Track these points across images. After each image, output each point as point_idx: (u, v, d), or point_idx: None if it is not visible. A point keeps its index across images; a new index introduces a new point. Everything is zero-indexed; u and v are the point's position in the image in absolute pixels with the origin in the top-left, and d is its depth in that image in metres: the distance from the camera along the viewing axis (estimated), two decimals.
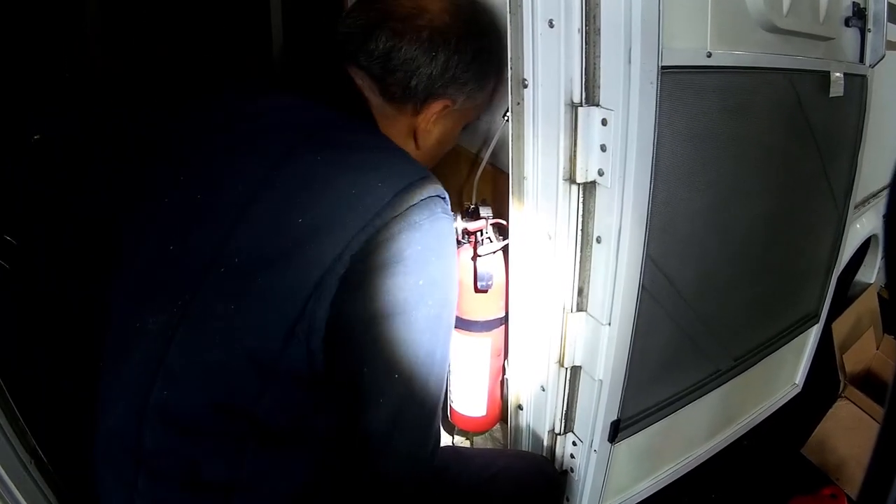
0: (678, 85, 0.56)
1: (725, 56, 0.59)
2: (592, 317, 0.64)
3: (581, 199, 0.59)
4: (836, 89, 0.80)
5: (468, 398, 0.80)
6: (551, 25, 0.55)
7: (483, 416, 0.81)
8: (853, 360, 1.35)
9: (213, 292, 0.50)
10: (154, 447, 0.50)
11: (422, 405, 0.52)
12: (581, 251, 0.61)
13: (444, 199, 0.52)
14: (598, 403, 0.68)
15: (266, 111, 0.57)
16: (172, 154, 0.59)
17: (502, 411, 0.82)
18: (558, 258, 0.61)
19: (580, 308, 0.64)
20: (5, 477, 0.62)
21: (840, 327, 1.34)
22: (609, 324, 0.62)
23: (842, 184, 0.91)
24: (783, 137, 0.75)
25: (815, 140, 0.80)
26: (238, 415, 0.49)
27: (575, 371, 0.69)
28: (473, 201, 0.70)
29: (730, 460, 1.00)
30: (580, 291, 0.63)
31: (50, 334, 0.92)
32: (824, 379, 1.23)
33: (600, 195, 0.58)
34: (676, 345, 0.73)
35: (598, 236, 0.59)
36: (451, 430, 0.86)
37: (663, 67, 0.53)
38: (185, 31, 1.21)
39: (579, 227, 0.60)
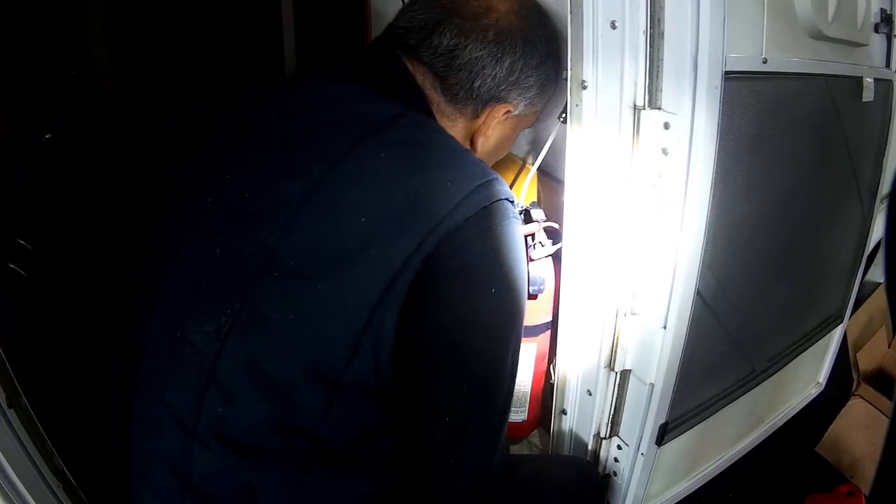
0: (737, 90, 0.56)
1: (779, 62, 0.59)
2: (648, 320, 0.63)
3: (640, 205, 0.58)
4: (868, 94, 0.81)
5: (512, 403, 0.78)
6: (613, 27, 0.54)
7: (524, 422, 0.80)
8: (866, 359, 1.36)
9: (267, 298, 0.46)
10: (206, 470, 0.46)
11: (490, 418, 0.49)
12: (638, 256, 0.60)
13: (513, 202, 0.51)
14: (649, 407, 0.67)
15: (322, 104, 0.53)
16: (216, 152, 0.55)
17: (542, 416, 0.81)
18: (615, 263, 0.60)
19: (635, 312, 0.63)
20: (32, 502, 0.56)
21: (853, 326, 1.34)
22: (665, 327, 0.61)
23: (868, 186, 0.91)
24: (821, 142, 0.75)
25: (847, 144, 0.81)
26: (299, 433, 0.46)
27: (624, 375, 0.68)
28: (522, 204, 0.69)
29: (746, 460, 0.99)
30: (635, 296, 0.62)
31: (64, 345, 0.87)
32: (838, 377, 1.24)
33: (660, 200, 0.57)
34: (721, 347, 0.73)
35: (657, 241, 0.58)
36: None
37: (726, 73, 0.53)
38: (193, 31, 1.17)
39: (638, 232, 0.59)
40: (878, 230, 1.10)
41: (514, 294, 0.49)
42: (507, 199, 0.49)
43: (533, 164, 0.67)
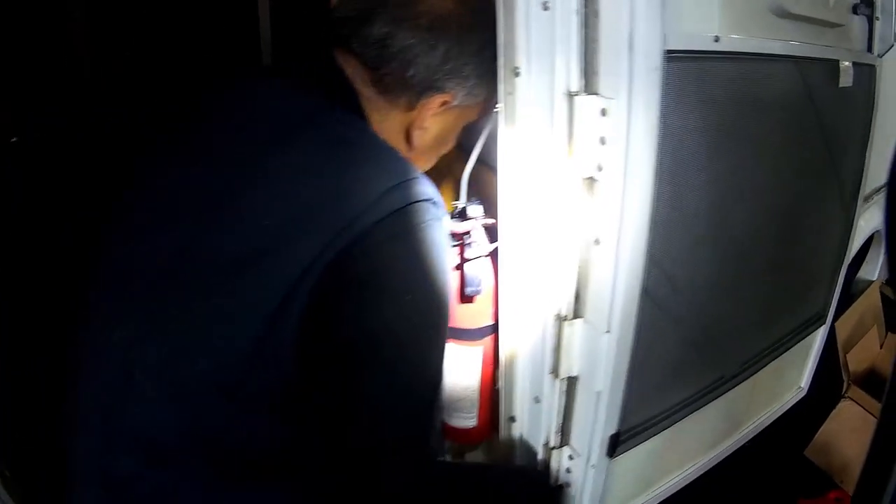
0: (683, 72, 0.50)
1: (734, 41, 0.53)
2: (591, 324, 0.58)
3: (579, 197, 0.53)
4: (846, 79, 0.75)
5: (459, 409, 0.74)
6: (545, 8, 0.48)
7: (474, 428, 0.75)
8: (857, 360, 1.30)
9: (176, 303, 0.44)
10: (127, 471, 0.45)
11: (410, 431, 0.46)
12: (578, 254, 0.54)
13: (435, 203, 0.46)
14: (597, 416, 0.62)
15: (248, 99, 0.51)
16: (151, 150, 0.54)
17: (495, 422, 0.76)
18: (553, 262, 0.55)
19: (577, 315, 0.58)
20: None
21: (843, 326, 1.28)
22: (609, 331, 0.56)
23: (850, 179, 0.85)
24: (791, 130, 0.69)
25: (822, 133, 0.75)
26: (211, 441, 0.44)
27: (571, 382, 0.63)
28: (463, 200, 0.64)
29: (732, 463, 0.94)
30: (577, 297, 0.57)
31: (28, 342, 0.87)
32: (827, 379, 1.18)
33: (599, 192, 0.52)
34: (680, 351, 0.67)
35: (597, 237, 0.53)
36: (441, 445, 0.80)
37: (668, 52, 0.47)
38: (172, 27, 1.15)
39: (577, 227, 0.53)
40: (862, 228, 1.03)
41: (433, 301, 0.45)
42: (426, 199, 0.45)
43: (473, 155, 0.62)
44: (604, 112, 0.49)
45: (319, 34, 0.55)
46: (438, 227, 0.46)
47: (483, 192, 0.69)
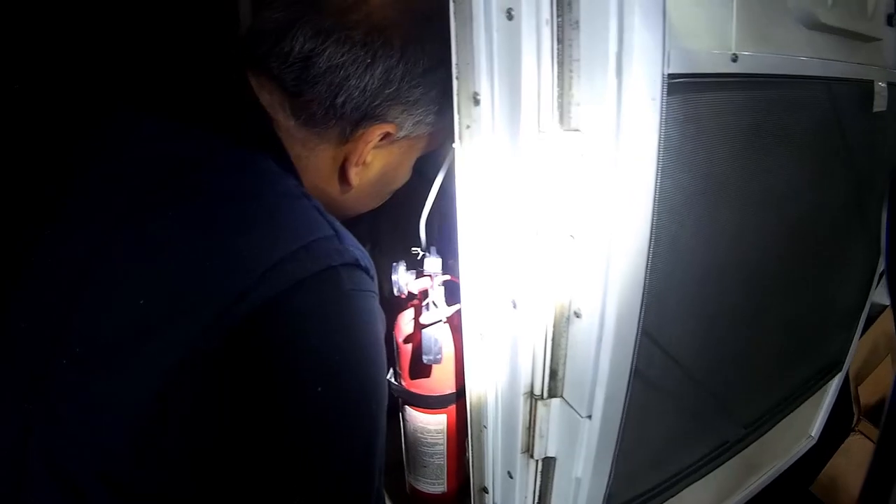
0: (689, 102, 0.38)
1: (756, 60, 0.41)
2: (569, 405, 0.46)
3: (554, 259, 0.41)
4: (881, 103, 0.62)
5: (426, 474, 0.63)
6: (510, 17, 0.36)
7: (443, 493, 0.65)
8: (869, 392, 1.17)
9: (57, 389, 0.36)
10: None
11: None
12: (554, 327, 0.43)
13: (356, 265, 0.35)
14: (576, 503, 0.51)
15: (129, 142, 0.40)
16: (42, 196, 0.43)
17: (467, 488, 0.66)
18: (524, 333, 0.44)
19: (553, 394, 0.46)
20: None
21: (855, 356, 1.16)
22: (590, 416, 0.44)
23: (876, 214, 0.72)
24: (817, 165, 0.56)
25: (852, 166, 0.62)
26: None
27: (548, 462, 0.52)
28: (422, 246, 0.52)
29: None
30: (553, 374, 0.45)
31: None
32: (836, 411, 1.07)
33: (579, 254, 0.40)
34: (677, 424, 0.56)
35: (577, 309, 0.41)
36: None
37: (670, 76, 0.35)
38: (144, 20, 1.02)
39: (552, 295, 0.42)
40: None
41: (356, 390, 0.35)
42: (345, 263, 0.34)
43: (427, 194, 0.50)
44: (584, 154, 0.37)
45: (229, 54, 0.43)
46: (363, 297, 0.35)
47: (451, 230, 0.57)
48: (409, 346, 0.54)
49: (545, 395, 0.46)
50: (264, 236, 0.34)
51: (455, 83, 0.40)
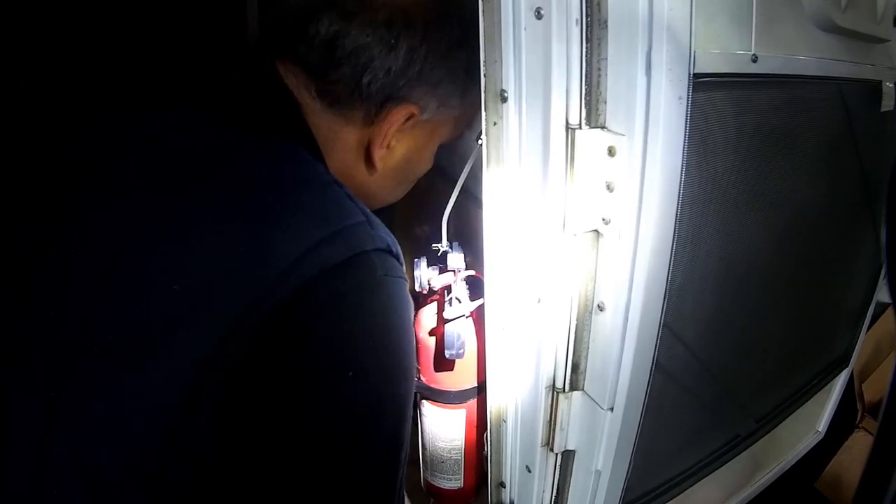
0: (714, 100, 0.39)
1: (775, 61, 0.42)
2: (590, 398, 0.47)
3: (579, 255, 0.42)
4: (888, 102, 0.63)
5: (443, 470, 0.63)
6: (539, 16, 0.37)
7: (459, 489, 0.65)
8: (873, 389, 1.18)
9: (85, 384, 0.36)
10: None
11: None
12: (577, 320, 0.43)
13: (388, 251, 0.36)
14: (595, 495, 0.51)
15: (157, 133, 0.40)
16: (49, 195, 0.42)
17: (483, 483, 0.66)
18: (548, 328, 0.44)
19: (574, 387, 0.47)
20: None
21: (859, 354, 1.17)
22: (612, 409, 0.45)
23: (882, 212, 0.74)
24: (829, 163, 0.57)
25: (860, 164, 0.63)
26: None
27: (567, 455, 0.52)
28: (444, 243, 0.53)
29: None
30: (575, 368, 0.46)
31: None
32: (841, 408, 1.08)
33: (605, 249, 0.41)
34: (693, 418, 0.56)
35: (601, 302, 0.42)
36: (426, 500, 0.70)
37: (695, 75, 0.36)
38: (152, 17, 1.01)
39: (576, 289, 0.43)
40: None
41: (387, 380, 0.35)
42: (375, 249, 0.35)
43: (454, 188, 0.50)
44: (611, 151, 0.38)
45: (256, 41, 0.43)
46: (394, 284, 0.36)
47: (472, 229, 0.58)
48: (431, 342, 0.54)
49: (567, 388, 0.47)
50: (297, 222, 0.34)
51: (483, 80, 0.40)
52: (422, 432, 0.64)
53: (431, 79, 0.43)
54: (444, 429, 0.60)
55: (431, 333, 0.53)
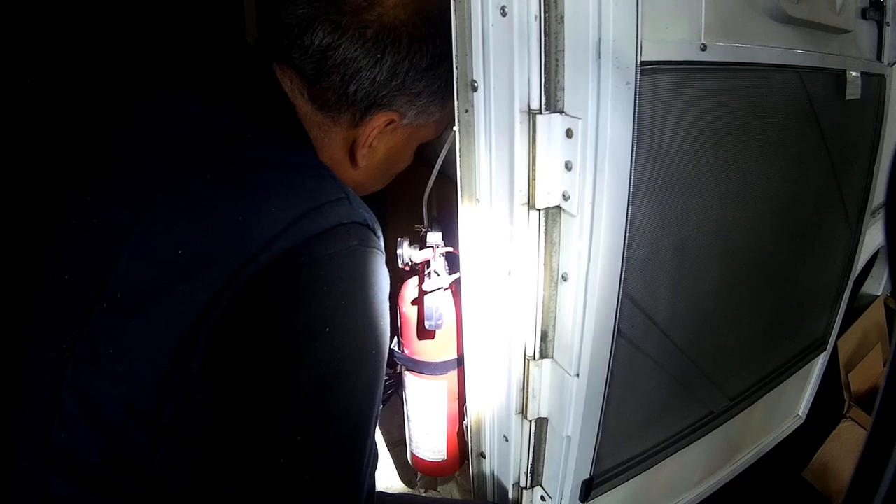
0: (663, 86, 0.43)
1: (724, 50, 0.46)
2: (559, 365, 0.51)
3: (543, 229, 0.46)
4: (853, 91, 0.66)
5: (426, 443, 0.67)
6: (504, 13, 0.41)
7: (444, 461, 0.69)
8: (860, 379, 1.20)
9: (95, 330, 0.42)
10: (57, 493, 0.44)
11: (334, 475, 0.40)
12: (545, 290, 0.47)
13: (365, 225, 0.40)
14: (567, 461, 0.55)
15: (173, 120, 0.46)
16: (86, 169, 0.50)
17: (465, 455, 0.70)
18: (518, 298, 0.48)
19: (544, 355, 0.51)
20: None
21: (845, 344, 1.19)
22: (577, 375, 0.49)
23: (855, 197, 0.76)
24: (791, 147, 0.61)
25: (826, 149, 0.66)
26: (132, 470, 0.41)
27: (541, 423, 0.56)
28: (425, 223, 0.57)
29: (726, 486, 0.87)
30: (544, 336, 0.50)
31: None
32: (828, 398, 1.10)
33: (566, 223, 0.45)
34: (661, 390, 0.60)
35: (564, 273, 0.46)
36: (413, 475, 0.74)
37: (643, 63, 0.40)
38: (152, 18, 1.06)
39: (542, 261, 0.47)
40: (867, 246, 0.95)
41: (357, 338, 0.39)
42: (355, 222, 0.39)
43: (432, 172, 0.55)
44: (569, 133, 0.42)
45: (258, 44, 0.48)
46: (368, 253, 0.40)
47: (453, 210, 0.62)
48: (413, 314, 0.58)
49: (537, 356, 0.51)
50: (286, 198, 0.38)
51: (455, 72, 0.45)
52: (406, 405, 0.68)
53: (412, 90, 0.47)
54: (425, 401, 0.64)
55: (413, 304, 0.57)
